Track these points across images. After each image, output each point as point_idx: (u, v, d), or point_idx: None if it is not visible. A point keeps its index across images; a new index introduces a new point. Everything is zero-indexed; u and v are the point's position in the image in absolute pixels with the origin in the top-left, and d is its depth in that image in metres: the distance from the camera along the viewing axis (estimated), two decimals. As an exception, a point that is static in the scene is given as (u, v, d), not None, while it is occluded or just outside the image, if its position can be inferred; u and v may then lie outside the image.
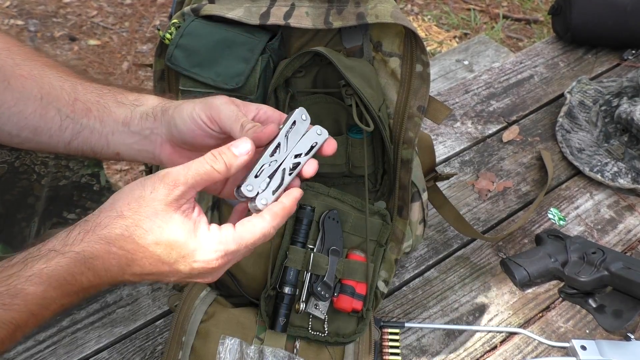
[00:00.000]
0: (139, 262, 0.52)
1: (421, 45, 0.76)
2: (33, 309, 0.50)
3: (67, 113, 0.66)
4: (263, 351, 0.78)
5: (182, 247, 0.52)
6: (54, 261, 0.50)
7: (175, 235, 0.52)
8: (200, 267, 0.53)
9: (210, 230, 0.53)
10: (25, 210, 0.83)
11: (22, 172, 0.80)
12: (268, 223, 0.54)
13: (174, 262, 0.53)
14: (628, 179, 1.11)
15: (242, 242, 0.53)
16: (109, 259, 0.52)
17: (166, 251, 0.52)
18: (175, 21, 0.75)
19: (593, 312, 0.93)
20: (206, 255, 0.53)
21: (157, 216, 0.52)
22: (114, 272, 0.52)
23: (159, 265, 0.53)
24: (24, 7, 2.42)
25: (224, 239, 0.53)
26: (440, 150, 1.20)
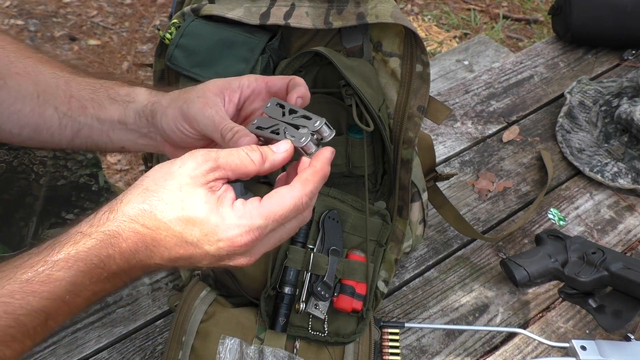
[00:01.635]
0: (163, 242, 0.50)
1: (421, 45, 0.76)
2: (63, 296, 0.48)
3: (65, 111, 0.66)
4: (263, 351, 0.78)
5: (203, 223, 0.49)
6: (81, 244, 0.49)
7: (196, 211, 0.49)
8: (227, 247, 0.49)
9: (234, 206, 0.49)
10: (24, 210, 0.83)
11: (20, 171, 0.80)
12: (299, 191, 0.50)
13: (197, 242, 0.49)
14: (628, 179, 1.11)
15: (269, 215, 0.49)
16: (134, 239, 0.49)
17: (188, 229, 0.49)
18: (175, 21, 0.75)
19: (593, 312, 0.93)
20: (229, 231, 0.49)
21: (180, 189, 0.49)
22: (141, 255, 0.50)
23: (184, 246, 0.50)
24: (24, 7, 2.42)
25: (247, 213, 0.49)
26: (440, 150, 1.20)
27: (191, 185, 0.49)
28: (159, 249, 0.50)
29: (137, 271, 0.52)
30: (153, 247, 0.50)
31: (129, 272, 0.51)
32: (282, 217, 0.50)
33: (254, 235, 0.49)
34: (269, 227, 0.50)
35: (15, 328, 0.47)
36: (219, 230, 0.49)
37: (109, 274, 0.50)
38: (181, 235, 0.49)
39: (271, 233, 0.51)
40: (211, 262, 0.51)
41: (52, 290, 0.48)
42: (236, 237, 0.49)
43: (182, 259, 0.51)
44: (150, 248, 0.50)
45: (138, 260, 0.50)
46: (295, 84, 0.59)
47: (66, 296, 0.49)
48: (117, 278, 0.51)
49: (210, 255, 0.50)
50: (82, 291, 0.49)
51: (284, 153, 0.53)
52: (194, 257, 0.50)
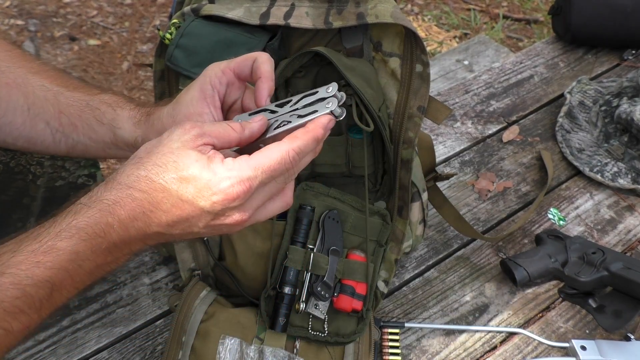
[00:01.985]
0: (160, 205, 0.51)
1: (421, 45, 0.76)
2: (66, 266, 0.49)
3: (56, 127, 0.66)
4: (263, 351, 0.78)
5: (196, 180, 0.50)
6: (81, 213, 0.50)
7: (189, 169, 0.50)
8: (221, 201, 0.50)
9: (225, 162, 0.51)
10: (21, 210, 0.83)
11: (17, 172, 0.80)
12: (286, 145, 0.52)
13: (192, 199, 0.51)
14: (628, 179, 1.11)
15: (258, 166, 0.51)
16: (131, 205, 0.51)
17: (183, 186, 0.50)
18: (175, 21, 0.75)
19: (593, 312, 0.93)
20: (221, 183, 0.50)
21: (172, 153, 0.51)
22: (140, 222, 0.51)
23: (180, 205, 0.51)
24: (24, 7, 2.42)
25: (237, 165, 0.51)
26: (440, 150, 1.20)
27: (182, 148, 0.51)
28: (156, 213, 0.51)
29: (137, 242, 0.53)
30: (150, 212, 0.51)
31: (129, 242, 0.52)
32: (271, 169, 0.51)
33: (245, 186, 0.50)
34: (258, 178, 0.51)
35: (21, 299, 0.48)
36: (212, 183, 0.50)
37: (109, 244, 0.51)
38: (177, 193, 0.51)
39: (262, 187, 0.52)
40: (207, 222, 0.52)
41: (55, 259, 0.49)
42: (228, 189, 0.50)
43: (180, 221, 0.52)
44: (147, 214, 0.51)
45: (137, 228, 0.51)
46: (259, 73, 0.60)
47: (69, 266, 0.49)
48: (117, 250, 0.52)
49: (206, 213, 0.51)
50: (85, 262, 0.50)
51: (259, 122, 0.56)
52: (191, 218, 0.52)
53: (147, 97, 2.08)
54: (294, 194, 0.81)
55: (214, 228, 0.54)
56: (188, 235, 0.54)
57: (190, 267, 0.86)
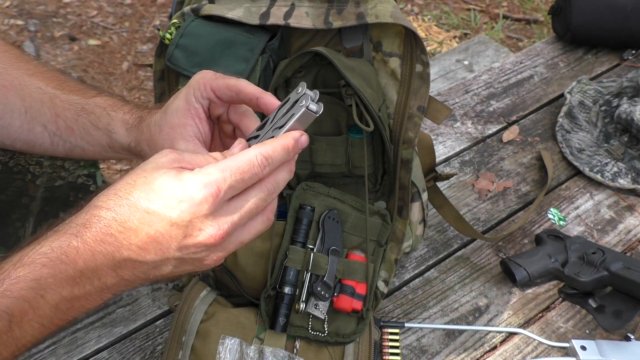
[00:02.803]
0: (128, 222, 0.47)
1: (421, 45, 0.76)
2: (26, 294, 0.45)
3: (54, 131, 0.65)
4: (263, 351, 0.78)
5: (162, 189, 0.47)
6: (48, 239, 0.47)
7: (156, 181, 0.47)
8: (188, 207, 0.46)
9: (193, 171, 0.48)
10: (20, 210, 0.83)
11: (16, 172, 0.80)
12: (252, 149, 0.49)
13: (158, 210, 0.46)
14: (628, 179, 1.11)
15: (225, 167, 0.48)
16: (98, 226, 0.47)
17: (150, 197, 0.47)
18: (175, 21, 0.75)
19: (593, 312, 0.93)
20: (187, 189, 0.46)
21: (144, 171, 0.48)
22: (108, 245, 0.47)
23: (147, 220, 0.47)
24: (24, 7, 2.42)
25: (204, 170, 0.48)
26: (440, 150, 1.20)
27: (155, 167, 0.49)
28: (125, 233, 0.47)
29: (108, 272, 0.48)
30: (119, 233, 0.47)
31: (97, 271, 0.47)
32: (240, 170, 0.48)
33: (212, 189, 0.47)
34: (227, 181, 0.47)
35: None
36: (178, 191, 0.47)
37: (75, 271, 0.47)
38: (143, 207, 0.47)
39: (235, 201, 0.49)
40: (180, 242, 0.47)
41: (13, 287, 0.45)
42: (195, 193, 0.46)
43: (151, 242, 0.47)
44: (115, 235, 0.47)
45: (105, 253, 0.47)
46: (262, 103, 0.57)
47: (29, 295, 0.45)
48: (85, 279, 0.48)
49: (175, 226, 0.47)
50: (47, 291, 0.46)
51: (238, 147, 0.53)
52: (162, 236, 0.47)
53: (147, 97, 2.08)
54: (294, 194, 0.82)
55: (190, 252, 0.48)
56: (165, 265, 0.49)
57: (190, 267, 0.86)
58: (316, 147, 0.82)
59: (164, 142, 0.59)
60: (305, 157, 0.83)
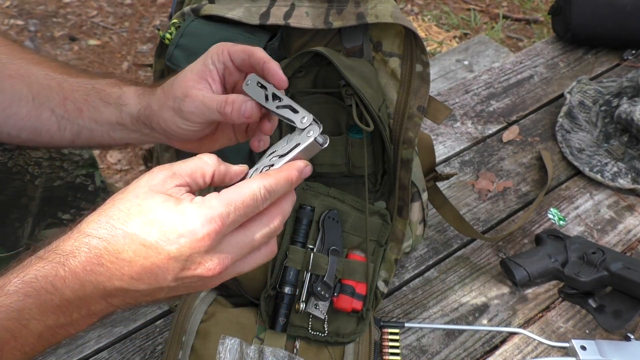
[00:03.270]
0: (122, 253, 0.45)
1: (421, 45, 0.76)
2: (7, 325, 0.43)
3: (62, 114, 0.65)
4: (263, 351, 0.78)
5: (161, 221, 0.45)
6: (32, 266, 0.45)
7: (154, 211, 0.45)
8: (189, 243, 0.45)
9: (194, 200, 0.46)
10: (19, 210, 0.82)
11: (15, 172, 0.80)
12: (256, 182, 0.48)
13: (157, 243, 0.45)
14: (628, 179, 1.11)
15: (229, 201, 0.46)
16: (87, 255, 0.45)
17: (146, 230, 0.45)
18: (175, 21, 0.75)
19: (593, 312, 0.93)
20: (189, 224, 0.44)
21: (137, 197, 0.46)
22: (98, 275, 0.45)
23: (143, 253, 0.45)
24: (24, 7, 2.42)
25: (207, 203, 0.45)
26: (440, 150, 1.20)
27: (149, 192, 0.46)
28: (117, 264, 0.45)
29: (97, 300, 0.46)
30: (111, 263, 0.45)
31: (85, 300, 0.46)
32: (244, 205, 0.46)
33: (216, 224, 0.45)
34: (231, 216, 0.46)
35: None
36: (178, 224, 0.45)
37: (62, 300, 0.45)
38: (139, 239, 0.45)
39: (238, 236, 0.48)
40: (176, 274, 0.46)
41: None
42: (197, 229, 0.45)
43: (145, 273, 0.46)
44: (107, 265, 0.45)
45: (95, 282, 0.45)
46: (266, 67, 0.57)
47: (11, 325, 0.43)
48: (73, 308, 0.46)
49: (173, 260, 0.45)
50: (31, 321, 0.44)
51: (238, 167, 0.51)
52: (157, 268, 0.45)
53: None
54: (294, 194, 0.82)
55: (185, 281, 0.47)
56: (158, 293, 0.48)
57: (190, 267, 0.86)
58: (316, 147, 0.82)
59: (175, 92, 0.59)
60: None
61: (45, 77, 0.66)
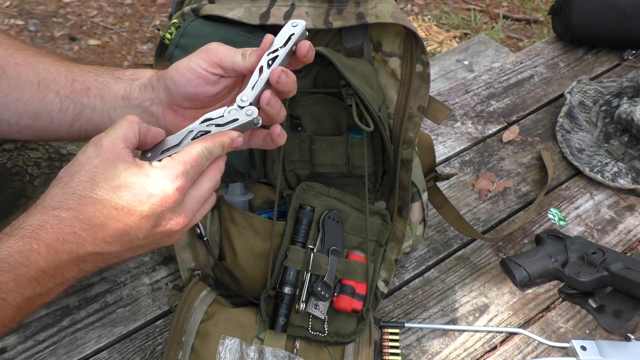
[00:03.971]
0: (93, 219, 0.48)
1: (421, 45, 0.76)
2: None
3: (67, 94, 0.65)
4: (263, 351, 0.78)
5: (130, 185, 0.49)
6: (2, 243, 0.47)
7: (120, 177, 0.49)
8: (160, 202, 0.49)
9: (153, 165, 0.51)
10: (18, 211, 0.83)
11: (14, 173, 0.79)
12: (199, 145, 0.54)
13: (129, 205, 0.48)
14: (628, 179, 1.11)
15: (185, 160, 0.52)
16: (59, 227, 0.47)
17: (116, 195, 0.48)
18: (175, 21, 0.75)
19: (593, 312, 0.93)
20: (158, 184, 0.49)
21: (97, 167, 0.49)
22: (71, 244, 0.48)
23: (116, 216, 0.48)
24: (24, 7, 2.42)
25: (167, 164, 0.51)
26: (440, 150, 1.20)
27: (105, 161, 0.50)
28: (89, 230, 0.48)
29: (71, 267, 0.49)
30: (83, 230, 0.48)
31: (60, 269, 0.48)
32: (196, 162, 0.52)
33: (180, 182, 0.51)
34: (190, 173, 0.52)
35: None
36: (148, 185, 0.49)
37: (37, 272, 0.47)
38: (110, 203, 0.48)
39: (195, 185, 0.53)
40: (148, 231, 0.50)
41: None
42: (166, 187, 0.50)
43: (118, 236, 0.49)
44: (79, 233, 0.48)
45: (68, 250, 0.48)
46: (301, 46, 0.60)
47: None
48: (47, 278, 0.48)
49: (146, 218, 0.49)
50: (9, 294, 0.47)
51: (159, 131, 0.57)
52: (130, 229, 0.49)
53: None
54: (294, 194, 0.82)
55: (156, 238, 0.51)
56: (128, 252, 0.51)
57: (190, 267, 0.86)
58: (316, 147, 0.82)
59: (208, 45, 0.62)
60: (305, 157, 0.83)
61: (53, 63, 0.67)
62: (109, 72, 0.67)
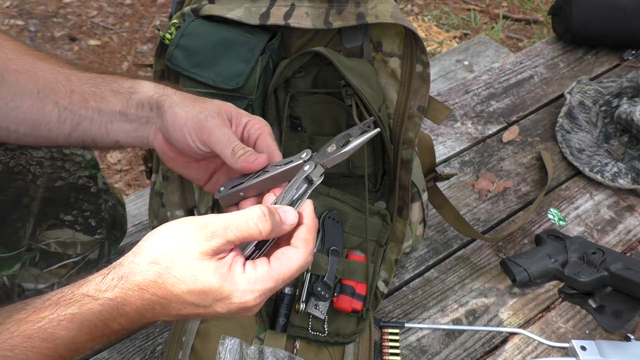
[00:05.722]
0: (173, 306, 0.52)
1: (421, 45, 0.76)
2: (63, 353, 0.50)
3: (65, 105, 0.66)
4: (263, 351, 0.78)
5: (216, 292, 0.51)
6: (87, 307, 0.50)
7: (210, 283, 0.51)
8: (238, 308, 0.52)
9: (246, 271, 0.52)
10: (20, 211, 0.82)
11: (17, 172, 0.79)
12: (303, 253, 0.53)
13: (209, 305, 0.52)
14: (628, 179, 1.11)
15: (279, 277, 0.52)
16: (142, 305, 0.51)
17: (200, 297, 0.51)
18: (175, 21, 0.75)
19: (593, 312, 0.93)
20: (243, 296, 0.51)
21: (190, 265, 0.51)
22: (147, 317, 0.52)
23: (194, 309, 0.52)
24: (24, 7, 2.42)
25: (260, 277, 0.51)
26: (440, 150, 1.20)
27: (200, 260, 0.51)
28: (167, 310, 0.52)
29: (138, 328, 0.54)
30: (161, 310, 0.52)
31: (130, 329, 0.53)
32: (290, 277, 0.53)
33: (265, 297, 0.52)
34: (277, 287, 0.53)
35: None
36: (233, 296, 0.51)
37: (110, 332, 0.52)
38: (193, 303, 0.51)
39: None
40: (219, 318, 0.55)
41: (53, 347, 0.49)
42: (249, 301, 0.51)
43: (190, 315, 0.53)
44: (157, 311, 0.52)
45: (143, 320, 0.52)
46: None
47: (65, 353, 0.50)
48: (117, 334, 0.53)
49: (220, 314, 0.52)
50: (80, 348, 0.51)
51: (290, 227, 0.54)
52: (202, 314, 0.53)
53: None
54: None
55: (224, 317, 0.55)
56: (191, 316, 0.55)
57: (190, 267, 0.86)
58: (316, 147, 0.82)
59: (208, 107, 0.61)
60: (305, 157, 0.83)
61: (52, 71, 0.67)
62: (107, 84, 0.66)
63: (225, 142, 0.58)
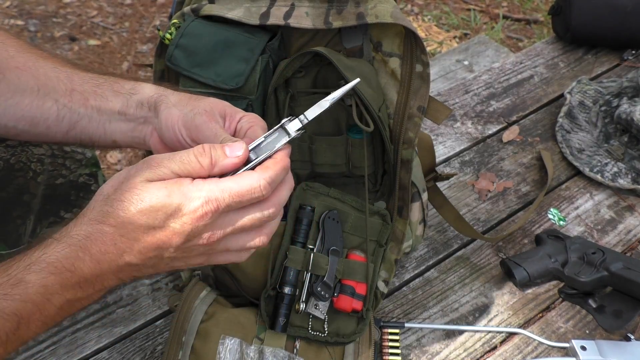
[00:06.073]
0: (130, 234, 0.51)
1: (421, 45, 0.76)
2: (35, 299, 0.49)
3: (65, 103, 0.66)
4: (263, 351, 0.78)
5: (166, 206, 0.50)
6: (51, 247, 0.51)
7: (157, 197, 0.50)
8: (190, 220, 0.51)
9: (195, 182, 0.51)
10: (21, 208, 0.82)
11: (17, 169, 0.79)
12: (257, 174, 0.52)
13: (164, 226, 0.51)
14: (628, 179, 1.11)
15: (226, 188, 0.51)
16: (102, 239, 0.51)
17: (151, 216, 0.50)
18: (175, 21, 0.75)
19: (593, 312, 0.93)
20: (191, 204, 0.50)
21: (137, 188, 0.51)
22: (111, 254, 0.51)
23: (151, 232, 0.51)
24: (24, 7, 2.42)
25: (207, 186, 0.51)
26: (440, 150, 1.20)
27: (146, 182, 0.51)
28: (127, 242, 0.51)
29: (110, 276, 0.53)
30: (121, 242, 0.51)
31: (101, 277, 0.52)
32: (239, 194, 0.51)
33: (212, 206, 0.50)
34: (226, 201, 0.51)
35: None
36: (183, 206, 0.50)
37: (80, 278, 0.51)
38: (147, 224, 0.51)
39: (231, 214, 0.53)
40: (178, 245, 0.52)
41: (24, 292, 0.49)
42: (198, 209, 0.50)
43: (152, 248, 0.52)
44: (118, 245, 0.51)
45: (108, 260, 0.51)
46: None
47: (37, 299, 0.50)
48: (89, 284, 0.52)
49: (177, 234, 0.51)
50: (54, 296, 0.51)
51: (234, 158, 0.54)
52: (162, 243, 0.52)
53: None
54: (294, 194, 0.82)
55: (185, 251, 0.53)
56: (161, 264, 0.54)
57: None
58: (316, 147, 0.82)
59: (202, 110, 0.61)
60: (305, 157, 0.83)
61: (53, 69, 0.67)
62: (108, 85, 0.67)
63: (212, 138, 0.58)
